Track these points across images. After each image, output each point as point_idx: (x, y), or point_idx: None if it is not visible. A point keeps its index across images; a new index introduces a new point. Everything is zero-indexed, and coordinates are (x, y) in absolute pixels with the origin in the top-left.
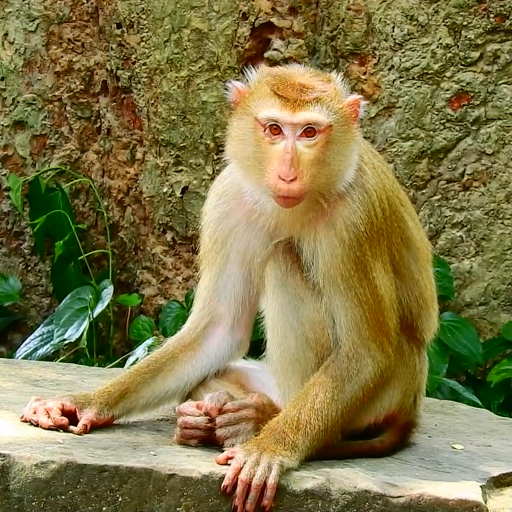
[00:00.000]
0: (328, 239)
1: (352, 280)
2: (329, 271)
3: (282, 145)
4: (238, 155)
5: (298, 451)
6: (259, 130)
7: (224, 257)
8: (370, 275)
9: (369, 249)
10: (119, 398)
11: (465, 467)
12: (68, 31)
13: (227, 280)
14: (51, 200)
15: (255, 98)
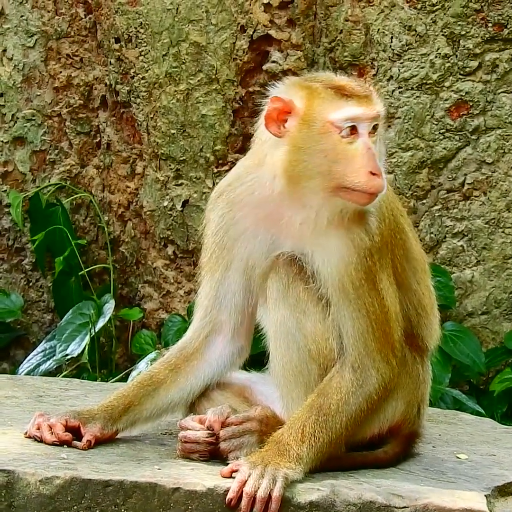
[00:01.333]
0: (343, 246)
1: (362, 290)
2: (341, 280)
3: (361, 143)
4: (301, 165)
5: (302, 463)
6: (333, 133)
7: (227, 264)
8: (378, 286)
9: (378, 260)
10: (122, 412)
11: (469, 476)
12: (67, 47)
13: (227, 289)
14: (51, 215)
15: (320, 103)
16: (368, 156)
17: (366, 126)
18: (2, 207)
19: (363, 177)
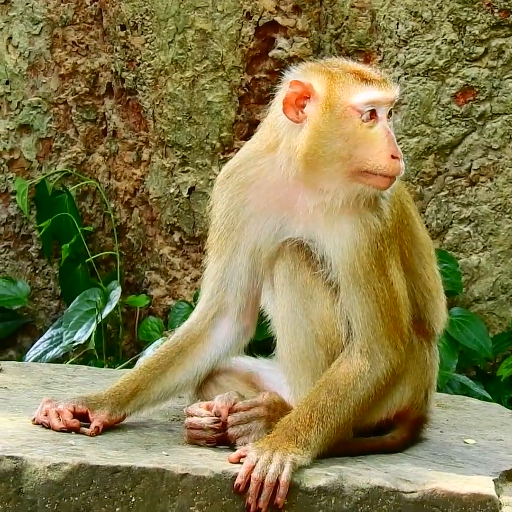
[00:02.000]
0: (356, 231)
1: (372, 275)
2: (352, 264)
3: (381, 127)
4: (321, 149)
5: (310, 449)
6: (354, 117)
7: (235, 247)
8: (387, 271)
9: (388, 246)
10: (130, 397)
11: (477, 461)
12: (72, 34)
13: (234, 271)
14: (57, 203)
15: (340, 88)
16: (389, 139)
17: (384, 110)
18: (8, 195)
19: (384, 161)
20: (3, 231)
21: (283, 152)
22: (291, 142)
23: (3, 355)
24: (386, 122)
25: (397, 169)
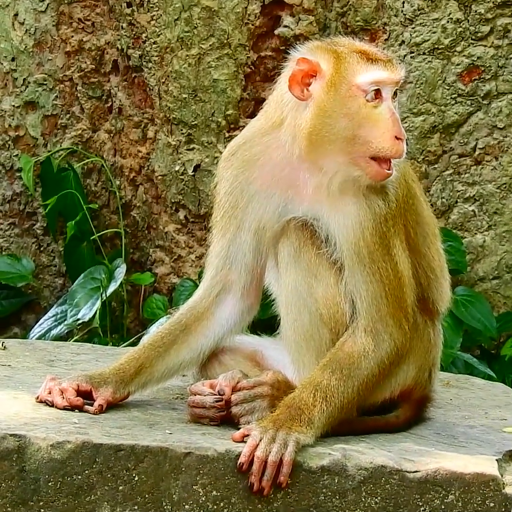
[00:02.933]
0: (360, 211)
1: (376, 254)
2: (356, 243)
3: (385, 107)
4: (325, 128)
5: (314, 428)
6: (359, 96)
7: (239, 224)
8: (392, 251)
9: (392, 226)
10: (134, 375)
11: (481, 441)
12: (78, 11)
13: (238, 248)
14: (63, 180)
15: (346, 67)
16: (393, 120)
17: (389, 90)
18: (14, 172)
19: (388, 142)
20: (8, 208)
21: (288, 130)
22: (296, 120)
23: (7, 333)
24: (391, 103)
25: (400, 151)
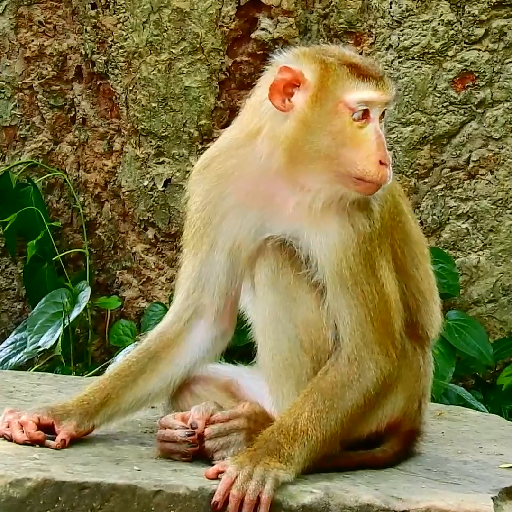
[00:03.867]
0: (343, 230)
1: (360, 276)
2: (339, 264)
3: (372, 128)
4: (308, 145)
5: (294, 463)
6: (346, 114)
7: (212, 243)
8: (378, 272)
9: (378, 246)
10: (99, 407)
11: (475, 477)
12: (39, 13)
13: (211, 270)
14: (22, 196)
15: (335, 81)
16: (378, 143)
17: (378, 110)
18: None
19: (372, 166)
20: None
21: (265, 141)
22: (275, 131)
23: None
24: (378, 124)
25: (385, 177)
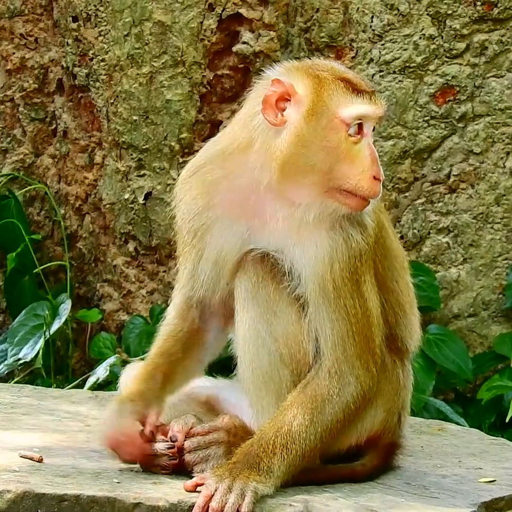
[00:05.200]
0: (334, 243)
1: (343, 290)
2: (320, 277)
3: (365, 144)
4: (302, 160)
5: (273, 477)
6: (341, 129)
7: (198, 254)
8: (362, 287)
9: (365, 261)
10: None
11: (454, 491)
12: (20, 26)
13: (199, 279)
14: (3, 208)
15: (330, 96)
16: (372, 159)
17: (371, 125)
18: None
19: (366, 182)
20: None
21: (257, 156)
22: (268, 145)
23: None
24: (371, 139)
25: (377, 192)
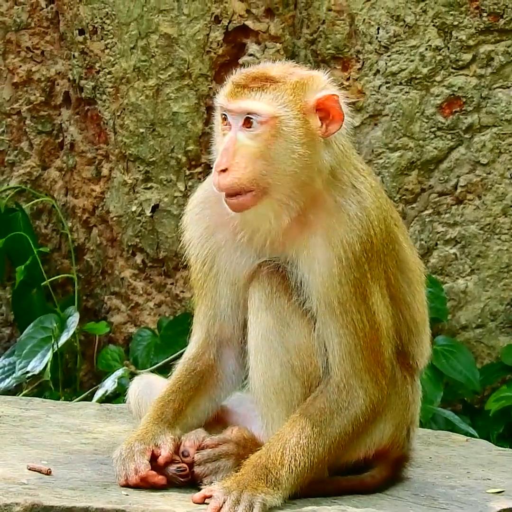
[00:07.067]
0: (325, 257)
1: (349, 304)
2: (325, 293)
3: (227, 136)
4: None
5: (281, 489)
6: (220, 121)
7: (214, 278)
8: (369, 300)
9: (368, 271)
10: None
11: (462, 502)
12: (27, 39)
13: (222, 302)
14: (10, 221)
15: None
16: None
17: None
18: None
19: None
20: None
21: None
22: None
23: None
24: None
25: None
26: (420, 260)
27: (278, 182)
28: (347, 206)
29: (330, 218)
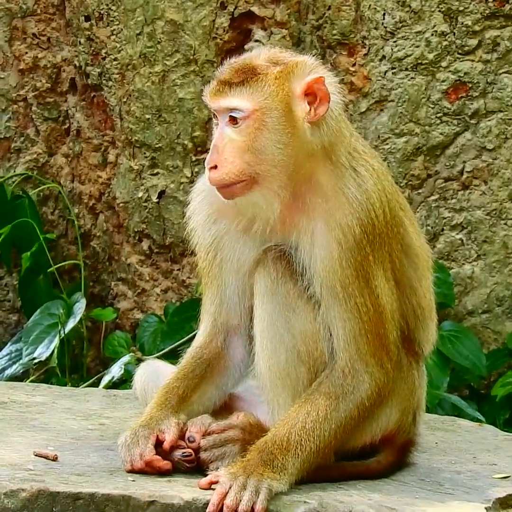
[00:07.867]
0: (325, 241)
1: (352, 288)
2: (327, 278)
3: (216, 133)
4: None
5: (287, 474)
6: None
7: (218, 266)
8: (372, 283)
9: (371, 253)
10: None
11: (468, 487)
12: (33, 25)
13: (227, 290)
14: (17, 208)
15: None
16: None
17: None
18: None
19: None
20: None
21: None
22: None
23: None
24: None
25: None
26: (427, 245)
27: (267, 172)
28: (345, 190)
29: (328, 202)
